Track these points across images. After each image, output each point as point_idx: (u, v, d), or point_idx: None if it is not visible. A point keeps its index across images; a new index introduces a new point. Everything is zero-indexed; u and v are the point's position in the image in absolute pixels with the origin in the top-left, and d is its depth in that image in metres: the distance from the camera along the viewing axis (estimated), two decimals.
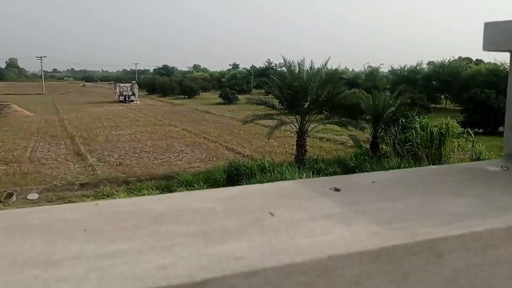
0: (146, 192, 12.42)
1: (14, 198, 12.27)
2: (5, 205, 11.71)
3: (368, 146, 16.43)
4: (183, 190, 12.33)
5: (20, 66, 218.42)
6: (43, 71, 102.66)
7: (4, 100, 43.04)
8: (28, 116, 34.51)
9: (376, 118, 15.95)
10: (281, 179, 12.06)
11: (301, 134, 15.32)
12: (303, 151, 15.33)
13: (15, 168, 15.58)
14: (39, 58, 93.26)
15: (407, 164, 13.55)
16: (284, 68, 17.87)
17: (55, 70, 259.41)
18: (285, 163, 14.51)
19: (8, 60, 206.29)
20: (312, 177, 12.16)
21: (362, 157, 14.86)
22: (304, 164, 14.83)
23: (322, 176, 12.90)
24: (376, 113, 15.85)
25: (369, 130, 16.36)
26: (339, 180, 0.80)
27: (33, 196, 12.59)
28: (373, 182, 0.81)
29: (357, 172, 13.57)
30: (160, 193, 12.54)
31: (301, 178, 11.81)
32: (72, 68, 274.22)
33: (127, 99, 52.38)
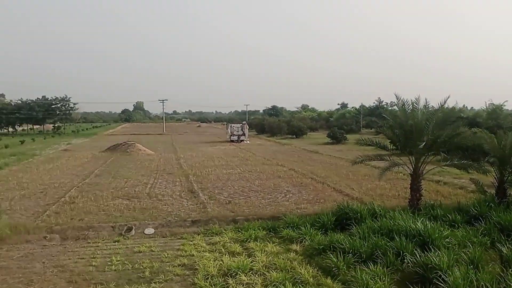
0: (253, 232, 12.40)
1: (133, 232, 13.04)
2: (125, 238, 12.48)
3: (493, 191, 14.82)
4: (289, 232, 12.14)
5: (145, 109, 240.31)
6: (164, 113, 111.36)
7: (131, 140, 47.32)
8: (150, 155, 37.36)
9: (503, 160, 14.38)
10: (394, 225, 11.26)
11: (416, 177, 14.33)
12: (417, 195, 14.28)
13: (135, 203, 16.70)
14: (161, 101, 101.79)
15: None
16: (395, 107, 17.10)
17: (174, 111, 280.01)
18: (397, 208, 13.59)
19: (135, 104, 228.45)
20: (429, 224, 11.19)
21: (487, 204, 13.39)
22: (419, 209, 13.77)
23: (439, 223, 11.80)
24: (503, 154, 14.30)
25: (494, 174, 14.78)
26: None
27: (150, 231, 13.27)
28: None
29: (480, 221, 12.22)
30: (267, 233, 12.45)
31: (415, 224, 10.93)
32: (189, 110, 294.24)
33: (238, 138, 54.34)
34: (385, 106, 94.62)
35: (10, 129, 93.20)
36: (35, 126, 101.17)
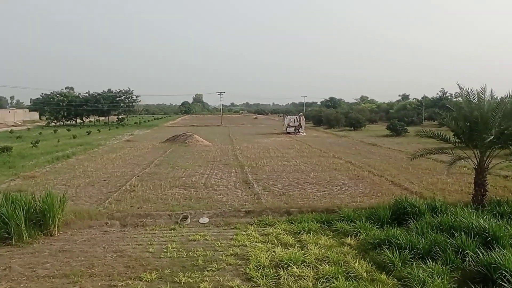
0: (307, 224, 12.26)
1: (188, 220, 13.33)
2: (180, 227, 12.78)
3: None
4: (344, 225, 11.90)
5: (204, 101, 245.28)
6: (222, 105, 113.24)
7: (189, 131, 48.50)
8: (207, 146, 38.10)
9: None
10: (455, 222, 10.71)
11: (480, 171, 13.53)
12: (482, 190, 13.48)
13: (192, 192, 17.06)
14: (219, 93, 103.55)
15: None
16: (460, 98, 16.21)
17: (232, 104, 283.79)
18: (459, 203, 12.92)
19: (194, 96, 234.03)
20: (494, 221, 10.55)
21: None
22: (483, 205, 13.00)
23: (506, 221, 11.08)
24: None
25: None
26: None
27: (204, 220, 13.50)
28: None
29: None
30: (321, 226, 12.27)
31: (479, 221, 10.33)
32: (247, 102, 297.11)
33: (294, 130, 54.01)
34: (449, 97, 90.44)
35: (78, 121, 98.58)
36: (100, 118, 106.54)
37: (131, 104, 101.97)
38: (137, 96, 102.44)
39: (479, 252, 8.82)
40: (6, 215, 11.23)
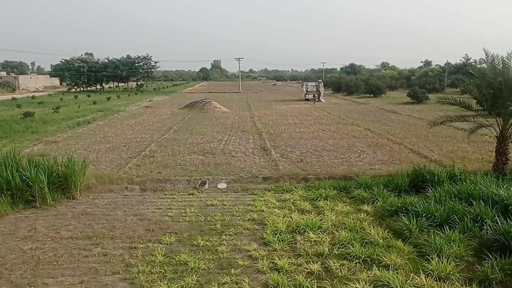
0: (324, 191, 12.31)
1: (206, 186, 13.51)
2: (199, 192, 12.97)
3: None
4: (361, 192, 11.91)
5: (223, 67, 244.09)
6: (240, 71, 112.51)
7: (207, 98, 48.50)
8: (225, 112, 38.13)
9: None
10: (474, 190, 10.61)
11: (502, 140, 13.26)
12: (503, 159, 13.26)
13: (210, 158, 17.21)
14: (237, 59, 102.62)
15: None
16: (484, 65, 15.74)
17: (251, 70, 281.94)
18: (479, 172, 12.76)
19: (213, 62, 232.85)
20: None
21: None
22: (504, 174, 12.82)
23: None
24: None
25: None
26: None
27: (222, 185, 13.67)
28: None
29: None
30: (338, 193, 12.31)
31: (498, 190, 10.21)
32: (265, 68, 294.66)
33: (314, 97, 53.39)
34: (473, 63, 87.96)
35: (98, 87, 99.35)
36: (120, 84, 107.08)
37: (149, 70, 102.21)
38: (155, 62, 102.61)
39: (498, 220, 8.76)
40: (30, 179, 11.55)
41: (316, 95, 53.82)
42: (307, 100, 53.31)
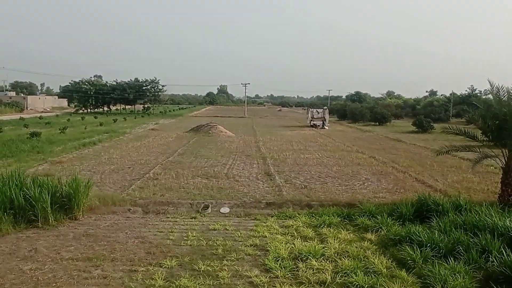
0: (327, 218, 12.21)
1: (209, 210, 13.44)
2: (201, 216, 12.90)
3: None
4: (365, 220, 11.80)
5: (229, 92, 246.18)
6: (246, 96, 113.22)
7: (213, 122, 48.74)
8: (230, 136, 38.25)
9: None
10: (479, 221, 10.49)
11: (508, 171, 13.19)
12: (509, 190, 13.14)
13: (213, 182, 17.19)
14: (244, 85, 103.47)
15: None
16: (490, 96, 15.80)
17: (256, 95, 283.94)
18: (485, 203, 12.63)
19: (219, 87, 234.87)
20: None
21: None
22: (510, 205, 12.68)
23: None
24: None
25: None
26: None
27: (225, 210, 13.59)
28: None
29: None
30: (341, 220, 12.20)
31: (504, 222, 10.09)
32: (271, 94, 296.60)
33: (318, 123, 53.56)
34: (478, 94, 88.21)
35: (105, 108, 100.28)
36: (127, 106, 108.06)
37: (157, 93, 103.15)
38: (163, 86, 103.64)
39: (504, 252, 8.62)
40: (33, 198, 11.55)
41: (321, 122, 53.99)
42: (312, 126, 53.48)
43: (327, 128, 52.56)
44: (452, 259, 8.76)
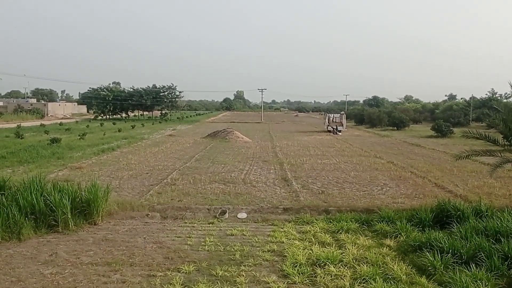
0: (345, 223, 12.12)
1: (227, 215, 13.46)
2: (219, 221, 12.92)
3: None
4: (383, 226, 11.66)
5: (246, 98, 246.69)
6: (263, 102, 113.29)
7: (230, 127, 48.93)
8: (247, 142, 38.30)
9: None
10: (501, 227, 10.28)
11: None
12: None
13: (231, 188, 17.22)
14: (260, 90, 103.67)
15: None
16: (511, 99, 15.51)
17: (273, 101, 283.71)
18: (507, 208, 12.38)
19: (236, 93, 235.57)
20: None
21: None
22: None
23: None
24: None
25: None
26: None
27: (242, 215, 13.60)
28: None
29: None
30: (359, 226, 12.08)
31: None
32: (288, 99, 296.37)
33: (335, 129, 53.14)
34: (499, 98, 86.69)
35: (124, 115, 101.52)
36: (144, 112, 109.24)
37: (174, 99, 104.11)
38: (180, 92, 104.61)
39: None
40: (54, 203, 11.73)
41: (335, 127, 53.58)
42: (329, 131, 53.19)
43: (340, 134, 51.94)
44: (473, 265, 8.60)
